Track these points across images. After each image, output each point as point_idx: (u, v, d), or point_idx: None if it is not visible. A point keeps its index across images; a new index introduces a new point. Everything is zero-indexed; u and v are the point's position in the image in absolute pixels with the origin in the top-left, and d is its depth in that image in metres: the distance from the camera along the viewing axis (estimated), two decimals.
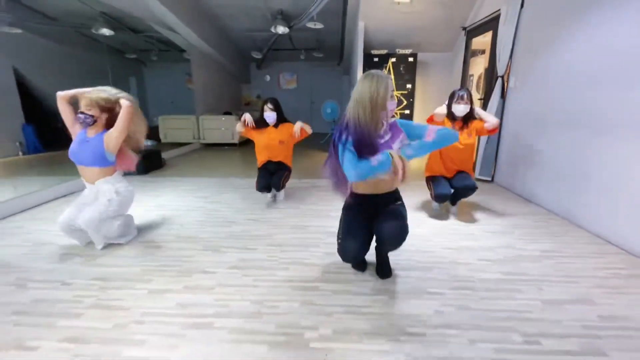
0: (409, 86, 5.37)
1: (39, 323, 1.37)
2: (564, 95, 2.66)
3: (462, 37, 4.81)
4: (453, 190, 2.54)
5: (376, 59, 5.25)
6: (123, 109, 2.01)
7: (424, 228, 2.42)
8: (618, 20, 2.16)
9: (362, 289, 1.62)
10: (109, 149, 2.04)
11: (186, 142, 6.56)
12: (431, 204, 2.83)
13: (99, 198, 2.08)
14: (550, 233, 2.34)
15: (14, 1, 5.02)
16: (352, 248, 1.61)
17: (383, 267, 1.73)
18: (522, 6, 3.23)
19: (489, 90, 3.81)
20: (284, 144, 2.97)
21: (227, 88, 8.51)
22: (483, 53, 5.17)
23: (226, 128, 6.72)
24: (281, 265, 1.85)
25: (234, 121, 6.71)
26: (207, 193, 3.37)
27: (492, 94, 3.65)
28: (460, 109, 2.47)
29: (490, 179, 3.77)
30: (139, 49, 8.02)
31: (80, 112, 1.98)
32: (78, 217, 1.98)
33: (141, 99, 8.78)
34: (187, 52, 6.47)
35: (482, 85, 4.73)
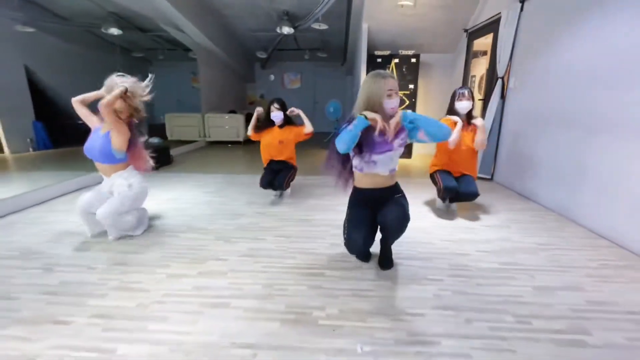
0: (412, 86, 5.47)
1: (69, 302, 1.49)
2: (562, 95, 2.76)
3: (464, 39, 4.91)
4: (459, 194, 2.57)
5: (379, 60, 5.35)
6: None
7: (425, 222, 2.52)
8: (614, 22, 2.26)
9: (366, 275, 1.73)
10: (115, 148, 2.10)
11: (192, 140, 6.69)
12: (435, 202, 2.90)
13: (114, 191, 2.19)
14: (546, 228, 2.44)
15: (27, 1, 5.15)
16: (358, 240, 1.70)
17: (385, 259, 1.83)
18: (522, 10, 3.33)
19: (490, 90, 3.91)
20: (283, 144, 3.02)
21: (232, 87, 8.64)
22: (485, 54, 5.26)
23: (231, 126, 6.85)
24: (289, 254, 1.97)
25: (239, 120, 6.84)
26: (215, 188, 3.49)
27: (492, 95, 3.75)
28: (463, 106, 2.53)
29: (489, 177, 3.87)
30: (146, 48, 8.16)
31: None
32: (94, 205, 2.10)
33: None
34: (194, 52, 6.60)
35: (484, 85, 4.83)
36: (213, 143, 7.01)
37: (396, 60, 5.35)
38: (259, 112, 3.02)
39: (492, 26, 3.99)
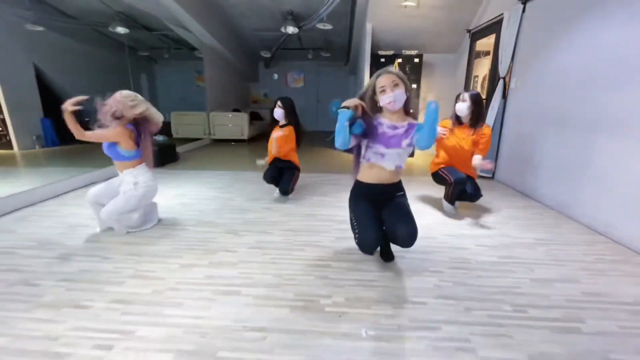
0: (414, 86, 5.53)
1: (88, 288, 1.57)
2: (561, 95, 2.82)
3: (467, 40, 4.97)
4: (464, 193, 2.61)
5: (383, 60, 5.41)
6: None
7: (427, 219, 2.59)
8: (614, 24, 2.32)
9: (370, 267, 1.80)
10: (121, 146, 2.16)
11: (197, 138, 6.77)
12: (441, 203, 2.82)
13: (121, 189, 2.24)
14: (545, 224, 2.51)
15: (37, 0, 5.24)
16: (372, 239, 1.64)
17: (387, 253, 1.89)
18: (524, 11, 3.39)
19: (492, 91, 3.97)
20: (279, 143, 2.97)
21: (236, 86, 8.72)
22: (488, 54, 5.32)
23: (235, 124, 6.93)
24: (296, 246, 2.04)
25: (244, 118, 6.92)
26: (221, 185, 3.57)
27: (494, 95, 3.81)
28: (458, 107, 2.53)
29: (491, 176, 3.93)
30: (151, 47, 8.25)
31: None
32: (103, 197, 2.20)
33: (152, 95, 9.01)
34: (199, 51, 6.68)
35: (486, 86, 4.88)
36: (218, 141, 7.10)
37: (399, 60, 5.41)
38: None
39: (495, 27, 4.05)
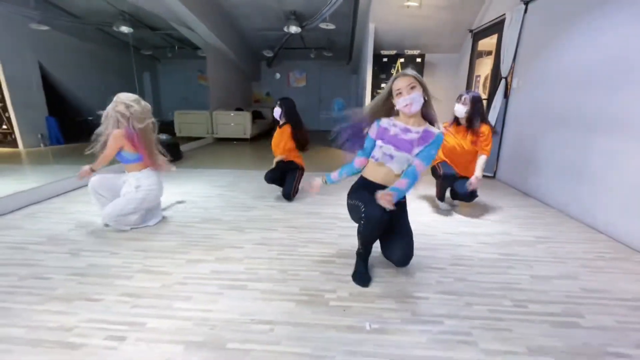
0: None
1: (98, 282, 1.61)
2: (562, 95, 2.85)
3: (469, 40, 4.99)
4: (457, 193, 2.66)
5: (385, 59, 5.45)
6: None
7: (428, 217, 2.62)
8: (615, 24, 2.35)
9: (373, 263, 1.84)
10: (124, 149, 2.24)
11: (200, 137, 6.81)
12: (436, 201, 2.88)
13: (123, 190, 2.30)
14: (545, 223, 2.54)
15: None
16: (378, 210, 1.50)
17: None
18: (526, 11, 3.42)
19: (494, 90, 4.00)
20: (280, 145, 2.99)
21: (239, 85, 8.76)
22: (490, 54, 5.34)
23: (238, 123, 6.97)
24: (300, 243, 2.08)
25: (246, 117, 6.97)
26: (225, 183, 3.61)
27: (496, 94, 3.84)
28: (456, 108, 2.55)
29: (492, 175, 3.96)
30: (155, 46, 8.30)
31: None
32: (103, 186, 2.29)
33: (155, 94, 9.06)
34: (203, 50, 6.72)
35: (488, 85, 4.91)
36: (220, 140, 7.14)
37: (401, 59, 5.45)
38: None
39: (497, 27, 4.07)
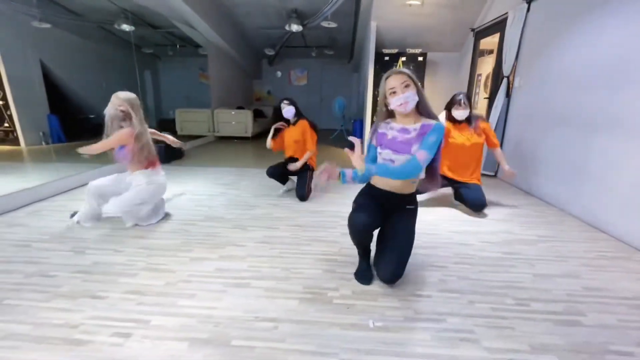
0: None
1: (103, 280, 1.62)
2: (564, 94, 2.84)
3: (471, 38, 4.98)
4: (464, 201, 2.66)
5: (387, 58, 5.44)
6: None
7: (431, 215, 2.63)
8: (617, 23, 2.34)
9: None
10: (128, 147, 2.28)
11: (201, 135, 6.82)
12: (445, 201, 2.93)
13: (132, 185, 2.31)
14: (547, 222, 2.54)
15: None
16: (361, 221, 1.55)
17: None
18: (529, 10, 3.41)
19: (496, 89, 3.99)
20: (299, 143, 2.99)
21: (240, 83, 8.76)
22: (491, 53, 5.33)
23: (239, 122, 6.98)
24: (303, 241, 2.09)
25: (248, 115, 6.97)
26: (227, 181, 3.62)
27: (498, 93, 3.84)
28: (459, 114, 2.62)
29: (493, 174, 3.96)
30: (156, 44, 8.29)
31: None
32: (109, 191, 2.32)
33: (156, 92, 9.07)
34: (204, 48, 6.72)
35: (490, 84, 4.90)
36: (221, 138, 7.15)
37: (403, 58, 5.44)
38: (278, 125, 3.02)
39: (499, 26, 4.06)
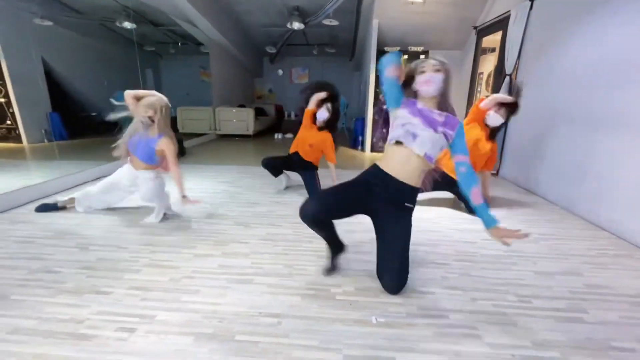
0: None
1: (107, 275, 1.63)
2: (566, 93, 2.84)
3: (473, 36, 4.97)
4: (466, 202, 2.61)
5: None
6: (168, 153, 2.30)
7: (433, 213, 2.64)
8: (620, 22, 2.34)
9: None
10: (158, 154, 2.32)
11: (202, 133, 6.83)
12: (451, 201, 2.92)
13: (140, 182, 2.36)
14: (549, 220, 2.55)
15: None
16: (312, 207, 1.46)
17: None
18: (531, 8, 3.40)
19: (497, 87, 3.99)
20: (313, 148, 2.93)
21: (241, 81, 8.76)
22: (493, 51, 5.32)
23: (240, 120, 6.98)
24: (306, 238, 2.09)
25: (249, 113, 6.98)
26: (229, 179, 3.63)
27: (500, 92, 3.83)
28: (493, 116, 2.48)
29: (495, 172, 3.97)
30: (157, 42, 8.29)
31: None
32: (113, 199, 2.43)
33: (157, 90, 9.06)
34: (206, 46, 6.72)
35: (492, 82, 4.90)
36: (223, 136, 7.16)
37: (405, 56, 5.43)
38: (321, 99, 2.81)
39: (501, 24, 4.06)
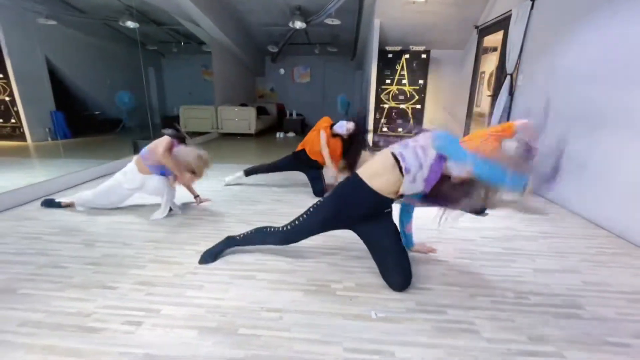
0: (421, 82, 5.57)
1: (113, 271, 1.66)
2: (567, 92, 2.86)
3: (474, 36, 4.98)
4: None
5: (390, 55, 5.46)
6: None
7: (433, 211, 2.65)
8: (621, 22, 2.35)
9: None
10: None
11: (205, 132, 6.87)
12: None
13: (147, 183, 2.41)
14: (548, 219, 2.57)
15: None
16: (299, 240, 1.72)
17: None
18: (532, 7, 3.41)
19: (499, 87, 4.00)
20: (318, 152, 2.95)
21: (243, 80, 8.79)
22: (495, 50, 5.33)
23: (242, 119, 7.02)
24: None
25: (251, 112, 7.01)
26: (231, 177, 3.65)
27: (501, 91, 3.85)
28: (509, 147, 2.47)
29: None
30: (159, 41, 8.33)
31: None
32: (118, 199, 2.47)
33: (159, 89, 9.12)
34: (208, 45, 6.75)
35: (493, 82, 4.91)
36: (225, 135, 7.20)
37: (406, 55, 5.46)
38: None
39: (503, 23, 4.07)
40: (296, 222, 1.67)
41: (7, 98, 5.31)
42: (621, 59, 2.32)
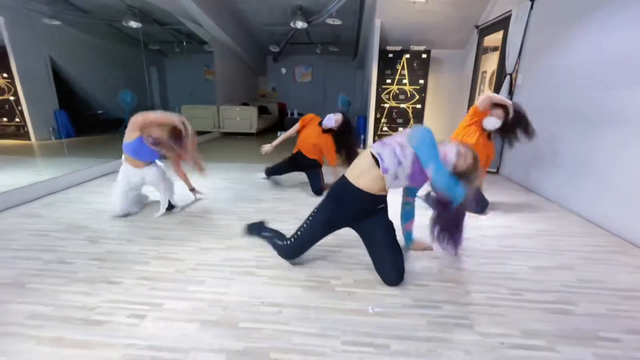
0: (422, 82, 5.59)
1: (117, 267, 1.71)
2: (566, 92, 2.88)
3: (475, 35, 5.00)
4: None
5: (391, 55, 5.48)
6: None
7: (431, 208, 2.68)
8: (621, 22, 2.38)
9: None
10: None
11: (206, 131, 6.92)
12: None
13: (146, 175, 2.44)
14: (546, 217, 2.59)
15: None
16: (302, 254, 1.74)
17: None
18: (532, 7, 3.43)
19: (499, 87, 4.02)
20: (315, 147, 2.99)
21: (245, 80, 8.84)
22: (496, 50, 5.34)
23: (244, 118, 7.06)
24: None
25: (253, 112, 7.05)
26: (232, 176, 3.70)
27: (501, 91, 3.87)
28: (491, 122, 2.48)
29: (495, 171, 4.01)
30: (162, 41, 8.38)
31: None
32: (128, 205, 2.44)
33: (162, 89, 9.18)
34: (209, 45, 6.79)
35: (494, 81, 4.92)
36: (227, 134, 7.24)
37: (407, 55, 5.47)
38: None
39: (503, 23, 4.09)
40: (298, 233, 1.69)
41: (12, 97, 5.37)
42: (620, 59, 2.34)
